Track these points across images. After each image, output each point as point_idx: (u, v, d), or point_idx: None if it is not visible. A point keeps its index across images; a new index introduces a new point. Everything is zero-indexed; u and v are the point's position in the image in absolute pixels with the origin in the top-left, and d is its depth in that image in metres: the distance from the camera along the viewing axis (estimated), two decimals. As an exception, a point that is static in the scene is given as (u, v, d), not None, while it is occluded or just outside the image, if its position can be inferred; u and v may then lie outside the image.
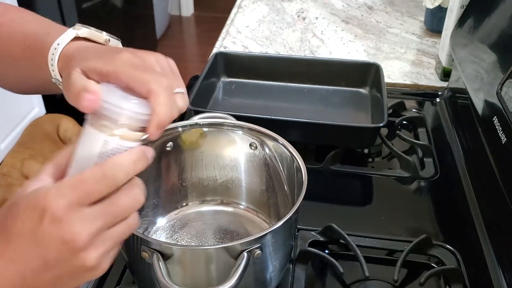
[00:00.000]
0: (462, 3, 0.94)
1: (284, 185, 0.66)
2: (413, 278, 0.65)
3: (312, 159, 0.85)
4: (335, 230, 0.66)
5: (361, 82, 0.98)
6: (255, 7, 1.40)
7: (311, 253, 0.65)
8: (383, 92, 0.86)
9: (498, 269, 0.63)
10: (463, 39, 0.88)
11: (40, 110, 2.29)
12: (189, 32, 3.66)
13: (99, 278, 0.64)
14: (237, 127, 0.67)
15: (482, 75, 0.74)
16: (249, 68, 1.02)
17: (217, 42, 1.22)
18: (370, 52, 1.17)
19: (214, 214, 0.71)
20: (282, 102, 0.98)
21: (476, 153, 0.78)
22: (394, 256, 0.66)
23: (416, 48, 1.19)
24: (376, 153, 0.88)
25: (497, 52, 0.73)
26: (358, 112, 0.94)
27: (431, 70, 1.10)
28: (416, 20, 1.31)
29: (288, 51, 1.18)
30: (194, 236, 0.67)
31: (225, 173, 0.71)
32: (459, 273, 0.63)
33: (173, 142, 0.67)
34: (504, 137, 0.62)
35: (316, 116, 0.92)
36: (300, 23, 1.31)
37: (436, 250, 0.66)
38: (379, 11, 1.37)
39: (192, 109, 0.82)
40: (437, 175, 0.82)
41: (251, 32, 1.26)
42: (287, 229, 0.57)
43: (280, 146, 0.64)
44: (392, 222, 0.73)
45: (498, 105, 0.65)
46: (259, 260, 0.53)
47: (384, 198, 0.79)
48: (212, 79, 0.99)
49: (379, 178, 0.82)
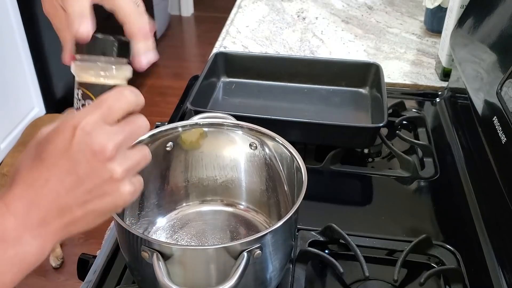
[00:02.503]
0: (462, 3, 0.94)
1: (284, 185, 0.66)
2: (413, 278, 0.65)
3: (312, 159, 0.85)
4: (335, 230, 0.66)
5: (361, 82, 0.98)
6: (255, 7, 1.40)
7: (311, 253, 0.65)
8: (383, 92, 0.86)
9: (498, 269, 0.63)
10: (463, 39, 0.88)
11: (40, 110, 2.29)
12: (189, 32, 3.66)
13: (99, 278, 0.64)
14: (237, 127, 0.67)
15: (482, 75, 0.74)
16: (249, 68, 1.02)
17: (217, 42, 1.22)
18: (370, 52, 1.17)
19: (214, 214, 0.71)
20: (282, 102, 0.98)
21: (476, 153, 0.78)
22: (394, 256, 0.66)
23: (416, 48, 1.19)
24: (376, 153, 0.88)
25: (497, 52, 0.73)
26: (358, 112, 0.94)
27: (431, 70, 1.10)
28: (416, 20, 1.31)
29: (288, 51, 1.18)
30: (194, 236, 0.67)
31: (225, 173, 0.71)
32: (459, 273, 0.63)
33: (173, 142, 0.67)
34: (504, 137, 0.62)
35: (316, 116, 0.92)
36: (300, 23, 1.31)
37: (436, 250, 0.66)
38: (379, 11, 1.37)
39: (192, 109, 0.82)
40: (437, 175, 0.82)
41: (251, 32, 1.26)
42: (287, 229, 0.57)
43: (280, 146, 0.64)
44: (392, 222, 0.73)
45: (498, 105, 0.65)
46: (259, 260, 0.53)
47: (384, 198, 0.79)
48: (212, 79, 0.99)
49: (379, 178, 0.82)
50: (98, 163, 0.39)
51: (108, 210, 0.42)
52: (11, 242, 0.38)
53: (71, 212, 0.40)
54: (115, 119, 0.41)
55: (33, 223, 0.39)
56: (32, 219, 0.39)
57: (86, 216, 0.41)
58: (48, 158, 0.39)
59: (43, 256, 0.40)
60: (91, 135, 0.39)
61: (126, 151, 0.41)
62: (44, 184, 0.39)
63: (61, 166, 0.39)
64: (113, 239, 0.69)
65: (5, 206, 0.39)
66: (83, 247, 1.83)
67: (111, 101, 0.41)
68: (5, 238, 0.38)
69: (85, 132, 0.39)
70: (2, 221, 0.38)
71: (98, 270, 0.65)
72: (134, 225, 0.66)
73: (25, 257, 0.39)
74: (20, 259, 0.39)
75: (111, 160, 0.39)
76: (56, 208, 0.39)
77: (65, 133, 0.39)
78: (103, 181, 0.40)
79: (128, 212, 0.65)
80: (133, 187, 0.42)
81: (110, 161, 0.39)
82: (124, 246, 0.58)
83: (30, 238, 0.39)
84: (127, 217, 0.64)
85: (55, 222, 0.39)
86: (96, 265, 0.66)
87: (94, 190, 0.40)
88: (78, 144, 0.39)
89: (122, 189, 0.41)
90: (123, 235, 0.56)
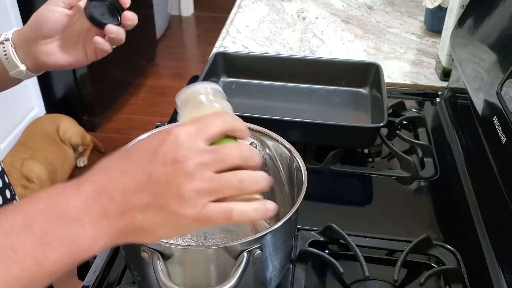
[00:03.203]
0: (462, 3, 0.94)
1: (284, 185, 0.66)
2: (413, 278, 0.65)
3: (312, 159, 0.85)
4: (335, 230, 0.66)
5: (361, 82, 0.98)
6: (255, 7, 1.40)
7: (311, 253, 0.65)
8: (383, 92, 0.86)
9: (498, 269, 0.63)
10: (463, 39, 0.88)
11: (40, 110, 2.29)
12: (189, 32, 3.66)
13: (99, 278, 0.64)
14: (237, 127, 0.67)
15: (482, 75, 0.74)
16: (249, 68, 1.02)
17: (217, 42, 1.22)
18: (370, 52, 1.17)
19: (214, 214, 0.71)
20: (282, 102, 0.98)
21: (476, 153, 0.78)
22: (394, 256, 0.66)
23: (416, 48, 1.19)
24: (376, 153, 0.88)
25: (497, 52, 0.73)
26: (358, 112, 0.94)
27: (431, 70, 1.10)
28: (416, 20, 1.31)
29: (288, 51, 1.18)
30: (194, 236, 0.67)
31: (225, 173, 0.70)
32: (459, 273, 0.63)
33: (173, 142, 0.67)
34: (504, 137, 0.62)
35: (316, 116, 0.92)
36: (300, 23, 1.31)
37: (436, 250, 0.66)
38: (379, 11, 1.37)
39: (192, 109, 0.82)
40: (437, 175, 0.82)
41: (251, 32, 1.26)
42: (287, 229, 0.57)
43: (280, 146, 0.64)
44: (392, 222, 0.73)
45: (498, 105, 0.65)
46: (259, 260, 0.52)
47: (384, 198, 0.79)
48: (212, 79, 0.99)
49: (379, 178, 0.82)
50: (173, 172, 0.39)
51: (166, 226, 0.40)
52: (70, 220, 0.38)
53: (132, 213, 0.39)
54: (210, 135, 0.41)
55: (95, 210, 0.39)
56: (96, 205, 0.39)
57: (145, 224, 0.39)
58: (134, 154, 0.41)
59: (94, 248, 0.39)
60: (180, 144, 0.39)
61: (211, 173, 0.40)
62: (118, 175, 0.40)
63: (140, 164, 0.40)
64: (113, 239, 0.69)
65: (77, 184, 0.40)
66: (83, 247, 1.83)
67: (207, 118, 0.42)
68: (66, 214, 0.38)
69: (176, 140, 0.40)
70: (69, 197, 0.39)
71: (98, 270, 0.65)
72: (134, 225, 0.66)
73: (76, 240, 0.38)
74: (71, 240, 0.38)
75: (186, 175, 0.38)
76: (119, 201, 0.39)
77: (159, 137, 0.40)
78: (169, 191, 0.39)
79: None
80: (198, 211, 0.39)
81: (186, 175, 0.38)
82: (124, 246, 0.58)
83: (88, 223, 0.39)
84: (127, 217, 0.64)
85: (115, 217, 0.39)
86: (96, 265, 0.66)
87: (159, 197, 0.39)
88: (165, 147, 0.39)
89: (182, 209, 0.39)
90: (123, 235, 0.56)
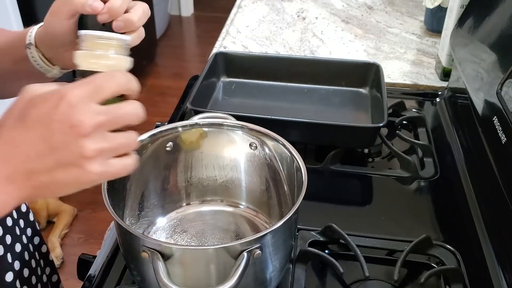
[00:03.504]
0: (462, 3, 0.94)
1: (284, 185, 0.66)
2: (413, 278, 0.65)
3: (312, 159, 0.85)
4: (335, 230, 0.66)
5: (361, 82, 0.98)
6: (255, 7, 1.40)
7: (311, 253, 0.65)
8: (383, 92, 0.86)
9: (498, 269, 0.63)
10: (463, 39, 0.88)
11: (40, 110, 2.29)
12: (189, 32, 3.66)
13: (99, 278, 0.64)
14: (237, 127, 0.67)
15: (482, 75, 0.74)
16: (249, 68, 1.02)
17: (217, 42, 1.22)
18: (370, 52, 1.17)
19: (214, 214, 0.71)
20: (282, 102, 0.98)
21: (476, 153, 0.78)
22: (394, 256, 0.66)
23: (416, 48, 1.19)
24: (376, 153, 0.88)
25: (497, 52, 0.73)
26: (358, 112, 0.94)
27: (431, 70, 1.10)
28: (416, 20, 1.31)
29: (288, 51, 1.18)
30: (194, 236, 0.67)
31: (225, 173, 0.71)
32: (459, 273, 0.63)
33: (173, 142, 0.67)
34: (504, 137, 0.62)
35: (316, 116, 0.92)
36: (300, 23, 1.31)
37: (436, 250, 0.66)
38: (379, 11, 1.37)
39: (192, 109, 0.82)
40: (437, 175, 0.82)
41: (251, 32, 1.26)
42: (287, 229, 0.57)
43: (280, 146, 0.64)
44: (392, 222, 0.73)
45: (498, 105, 0.65)
46: (259, 260, 0.53)
47: (384, 198, 0.79)
48: (212, 79, 0.99)
49: (379, 178, 0.82)
50: (72, 137, 0.40)
51: (72, 184, 0.42)
52: None
53: (37, 176, 0.41)
54: (102, 97, 0.42)
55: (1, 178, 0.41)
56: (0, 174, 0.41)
57: (51, 184, 0.42)
58: (29, 122, 0.41)
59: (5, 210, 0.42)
60: (74, 109, 0.40)
61: (106, 132, 0.42)
62: (18, 145, 0.41)
63: (38, 132, 0.41)
64: (113, 239, 0.69)
65: None
66: (83, 247, 1.83)
67: (101, 80, 0.42)
68: None
69: (69, 104, 0.40)
70: None
71: (98, 270, 0.65)
72: (134, 225, 0.66)
73: None
74: None
75: (85, 137, 0.40)
76: (23, 169, 0.41)
77: (51, 101, 0.41)
78: (72, 155, 0.41)
79: (128, 212, 0.65)
80: (103, 169, 0.42)
81: (84, 137, 0.40)
82: (124, 246, 0.58)
83: None
84: (127, 217, 0.64)
85: (21, 182, 0.41)
86: (96, 265, 0.66)
87: (62, 161, 0.41)
88: (60, 114, 0.40)
89: (89, 168, 0.41)
90: (123, 235, 0.56)
